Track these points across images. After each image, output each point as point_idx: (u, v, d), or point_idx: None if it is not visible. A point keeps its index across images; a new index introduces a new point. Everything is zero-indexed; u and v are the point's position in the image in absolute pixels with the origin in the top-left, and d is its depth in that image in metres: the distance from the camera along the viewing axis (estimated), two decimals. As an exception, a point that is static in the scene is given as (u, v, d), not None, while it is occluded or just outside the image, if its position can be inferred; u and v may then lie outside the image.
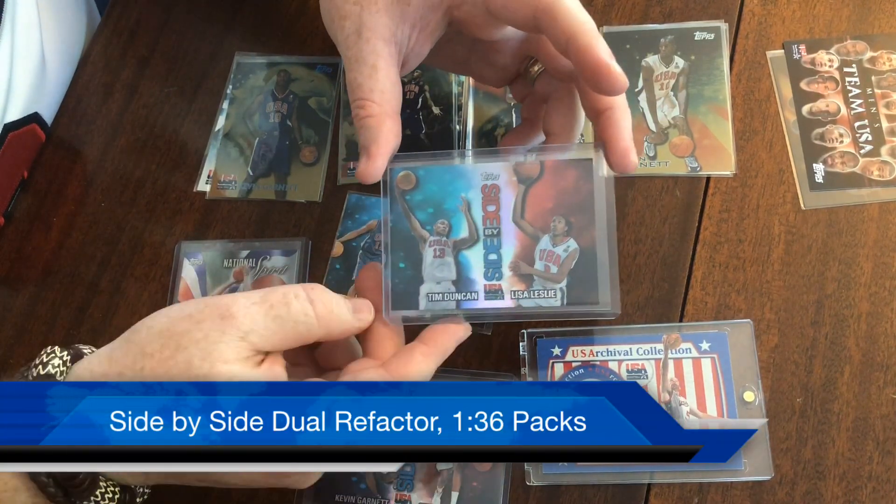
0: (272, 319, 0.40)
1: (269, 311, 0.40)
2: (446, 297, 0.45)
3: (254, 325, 0.39)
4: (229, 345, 0.39)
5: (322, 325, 0.41)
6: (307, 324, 0.41)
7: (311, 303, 0.41)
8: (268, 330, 0.40)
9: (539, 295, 0.45)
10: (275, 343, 0.40)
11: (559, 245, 0.45)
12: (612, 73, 0.42)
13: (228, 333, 0.39)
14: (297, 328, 0.40)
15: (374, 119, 0.45)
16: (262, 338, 0.39)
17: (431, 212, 0.46)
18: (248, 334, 0.39)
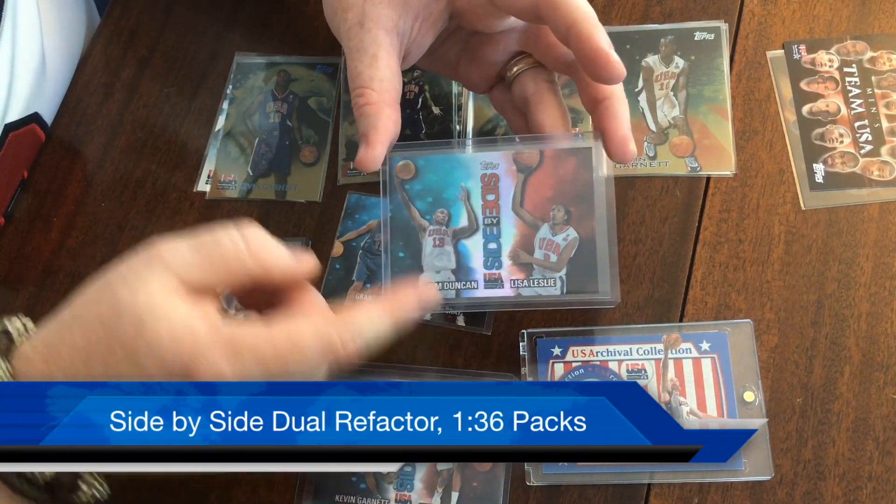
0: (200, 254, 0.38)
1: (198, 247, 0.38)
2: (446, 286, 0.45)
3: (180, 258, 0.38)
4: (154, 275, 0.37)
5: (256, 261, 0.39)
6: (238, 259, 0.39)
7: (243, 238, 0.39)
8: (195, 265, 0.38)
9: (539, 284, 0.45)
10: (204, 278, 0.38)
11: (559, 234, 0.45)
12: (611, 62, 0.43)
13: (154, 267, 0.37)
14: (228, 263, 0.39)
15: (373, 107, 0.45)
16: (189, 270, 0.38)
17: (431, 201, 0.46)
18: (173, 265, 0.37)
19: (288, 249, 0.41)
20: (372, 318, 0.39)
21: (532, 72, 0.49)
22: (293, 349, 0.37)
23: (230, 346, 0.37)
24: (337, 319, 0.39)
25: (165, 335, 0.36)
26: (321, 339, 0.38)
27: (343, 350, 0.38)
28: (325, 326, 0.38)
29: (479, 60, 0.50)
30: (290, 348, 0.37)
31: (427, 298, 0.42)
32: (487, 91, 0.52)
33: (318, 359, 0.38)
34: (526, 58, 0.49)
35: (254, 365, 0.37)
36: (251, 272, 0.39)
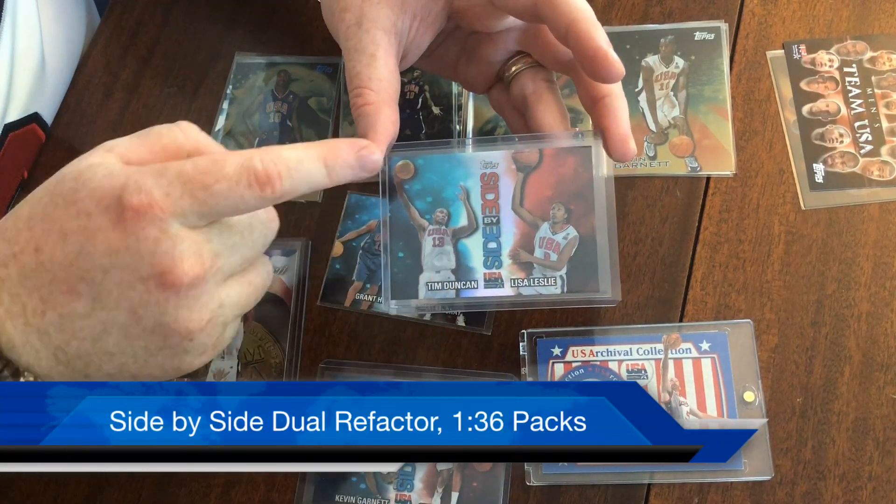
0: (136, 136, 0.41)
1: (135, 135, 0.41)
2: (446, 285, 0.45)
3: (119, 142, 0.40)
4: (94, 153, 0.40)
5: (188, 136, 0.41)
6: (172, 136, 0.40)
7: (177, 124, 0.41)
8: (133, 144, 0.40)
9: (539, 283, 0.45)
10: (141, 155, 0.40)
11: (559, 233, 0.45)
12: (610, 60, 0.43)
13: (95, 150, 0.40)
14: (162, 139, 0.40)
15: (372, 107, 0.45)
16: (128, 148, 0.40)
17: (430, 201, 0.46)
18: (113, 147, 0.40)
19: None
20: (298, 151, 0.40)
21: (530, 71, 0.49)
22: (214, 166, 0.38)
23: (158, 169, 0.38)
24: (264, 149, 0.39)
25: (100, 174, 0.38)
26: (241, 159, 0.38)
27: (264, 172, 0.38)
28: (251, 152, 0.39)
29: (477, 60, 0.50)
30: (210, 165, 0.38)
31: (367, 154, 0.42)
32: (486, 91, 0.52)
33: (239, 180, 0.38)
34: (524, 57, 0.49)
35: (180, 184, 0.37)
36: (183, 148, 0.41)
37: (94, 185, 0.38)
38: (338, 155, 0.41)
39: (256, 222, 0.41)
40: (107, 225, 0.37)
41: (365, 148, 0.42)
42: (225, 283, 0.40)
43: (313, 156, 0.40)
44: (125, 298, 0.38)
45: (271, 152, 0.39)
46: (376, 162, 0.43)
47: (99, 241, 0.37)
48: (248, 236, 0.41)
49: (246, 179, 0.38)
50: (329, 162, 0.40)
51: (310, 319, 0.53)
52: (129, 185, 0.37)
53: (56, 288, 0.38)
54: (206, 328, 0.40)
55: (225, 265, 0.40)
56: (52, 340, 0.38)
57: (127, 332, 0.39)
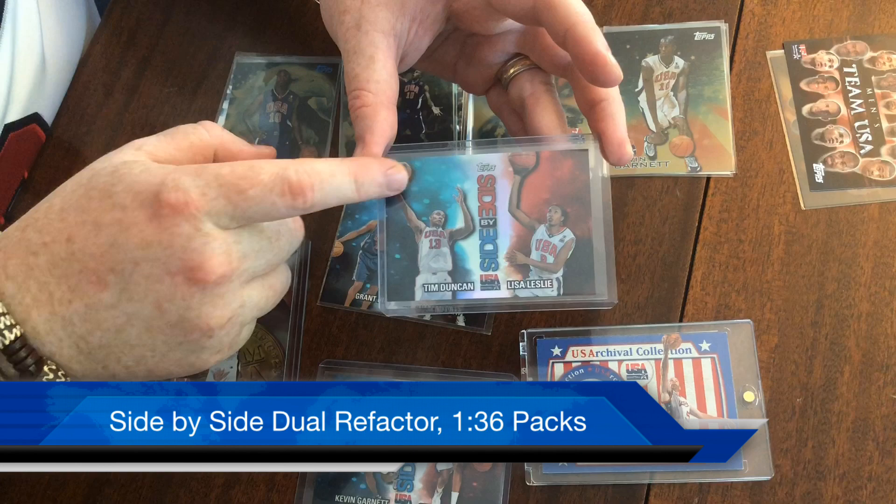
0: (164, 135, 0.43)
1: (163, 133, 0.43)
2: (442, 287, 0.45)
3: (148, 141, 0.42)
4: (125, 151, 0.41)
5: (213, 135, 0.44)
6: (198, 135, 0.43)
7: (202, 123, 0.44)
8: (161, 143, 0.42)
9: (535, 285, 0.45)
10: (170, 153, 0.42)
11: (555, 235, 0.45)
12: (608, 64, 0.43)
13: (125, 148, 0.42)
14: (189, 137, 0.43)
15: (370, 108, 0.45)
16: (157, 147, 0.42)
17: (427, 203, 0.46)
18: (143, 146, 0.42)
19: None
20: (332, 167, 0.41)
21: (528, 73, 0.49)
22: (250, 171, 0.39)
23: (195, 170, 0.39)
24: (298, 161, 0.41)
25: (137, 170, 0.39)
26: (277, 168, 0.39)
27: (298, 183, 0.39)
28: (287, 163, 0.40)
29: (476, 62, 0.50)
30: (249, 173, 0.39)
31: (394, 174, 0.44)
32: (485, 93, 0.52)
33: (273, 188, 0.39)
34: (523, 59, 0.50)
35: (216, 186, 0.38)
36: (210, 146, 0.43)
37: (131, 180, 0.39)
38: (368, 172, 0.43)
39: (285, 230, 0.42)
40: (142, 219, 0.38)
41: (393, 167, 0.44)
42: (248, 284, 0.41)
43: (345, 171, 0.42)
44: (152, 291, 0.38)
45: (306, 164, 0.40)
46: (402, 181, 0.45)
47: (133, 233, 0.38)
48: (276, 242, 0.42)
49: (279, 188, 0.39)
50: (359, 178, 0.42)
51: (310, 319, 0.53)
52: (168, 183, 0.38)
53: (85, 278, 0.38)
54: (225, 326, 0.40)
55: (251, 267, 0.41)
56: (75, 330, 0.39)
57: (150, 324, 0.39)
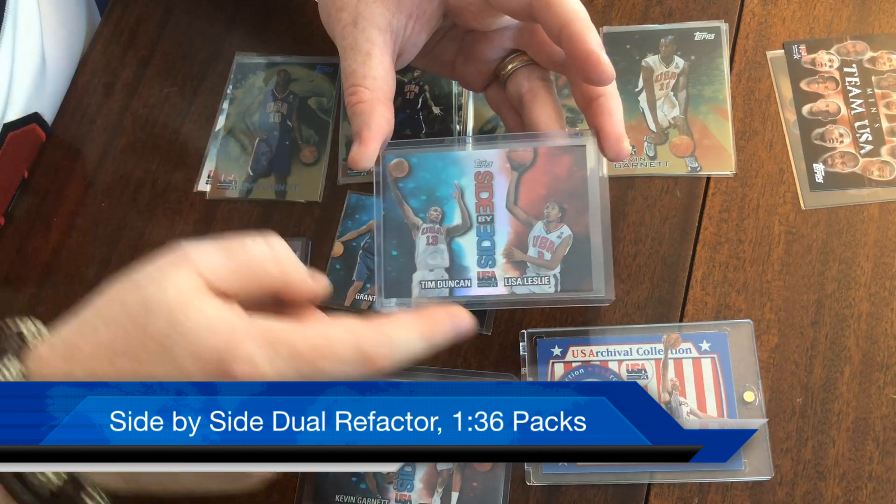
0: (227, 257, 0.38)
1: (225, 251, 0.38)
2: (439, 284, 0.45)
3: (209, 261, 0.37)
4: (181, 275, 0.37)
5: (279, 268, 0.39)
6: (263, 266, 0.39)
7: (270, 246, 0.39)
8: (223, 267, 0.38)
9: (533, 282, 0.45)
10: (232, 283, 0.38)
11: (553, 232, 0.45)
12: (601, 63, 0.43)
13: (183, 267, 0.37)
14: (253, 268, 0.38)
15: (366, 105, 0.45)
16: (216, 272, 0.37)
17: (424, 199, 0.46)
18: (203, 270, 0.37)
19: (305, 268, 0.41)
20: (407, 335, 0.39)
21: (526, 69, 0.49)
22: (328, 347, 0.37)
23: (266, 338, 0.36)
24: (372, 326, 0.38)
25: (199, 326, 0.36)
26: (356, 342, 0.37)
27: (376, 358, 0.38)
28: (361, 331, 0.38)
29: (474, 58, 0.50)
30: (325, 346, 0.37)
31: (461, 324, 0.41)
32: (483, 89, 0.52)
33: (350, 362, 0.37)
34: (520, 55, 0.50)
35: (288, 359, 0.36)
36: (274, 281, 0.39)
37: (193, 340, 0.36)
38: (437, 329, 0.40)
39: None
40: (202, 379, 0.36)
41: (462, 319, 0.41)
42: None
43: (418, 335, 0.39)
44: None
45: (381, 334, 0.38)
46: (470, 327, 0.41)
47: None
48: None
49: (358, 363, 0.37)
50: (429, 337, 0.40)
51: (310, 319, 0.53)
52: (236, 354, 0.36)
53: None
54: None
55: None
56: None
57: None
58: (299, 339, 0.37)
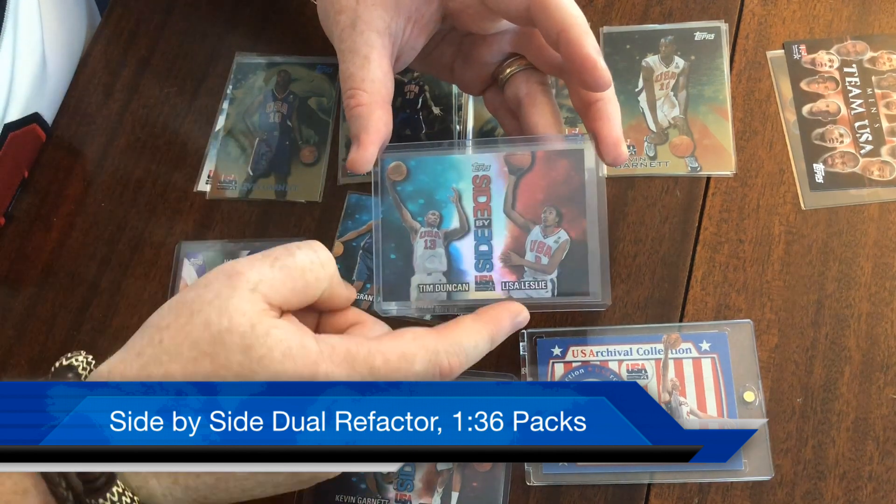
0: (279, 269, 0.39)
1: (275, 263, 0.39)
2: (437, 288, 0.45)
3: (262, 276, 0.38)
4: (242, 298, 0.37)
5: (328, 272, 0.40)
6: (314, 272, 0.39)
7: (315, 251, 0.40)
8: (276, 280, 0.38)
9: (530, 286, 0.45)
10: (285, 295, 0.39)
11: (550, 236, 0.45)
12: (598, 69, 0.43)
13: (239, 288, 0.37)
14: (305, 276, 0.39)
15: (365, 108, 0.45)
16: (273, 288, 0.38)
17: (422, 203, 0.46)
18: (257, 285, 0.38)
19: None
20: (474, 337, 0.41)
21: (524, 73, 0.49)
22: (405, 362, 0.38)
23: (345, 359, 0.37)
24: (441, 337, 0.40)
25: (278, 354, 0.36)
26: (430, 355, 0.39)
27: (448, 367, 0.40)
28: (433, 344, 0.40)
29: (472, 62, 0.51)
30: (403, 365, 0.38)
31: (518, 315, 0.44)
32: (482, 93, 0.52)
33: (426, 375, 0.39)
34: (519, 59, 0.50)
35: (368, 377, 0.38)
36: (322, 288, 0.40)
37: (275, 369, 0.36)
38: (501, 329, 0.43)
39: None
40: None
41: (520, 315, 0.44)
42: None
43: (485, 337, 0.42)
44: None
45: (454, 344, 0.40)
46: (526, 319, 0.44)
47: None
48: None
49: (432, 374, 0.39)
50: (495, 337, 0.43)
51: (310, 319, 0.53)
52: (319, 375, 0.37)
53: None
54: None
55: None
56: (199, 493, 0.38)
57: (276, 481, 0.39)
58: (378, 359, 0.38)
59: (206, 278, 0.39)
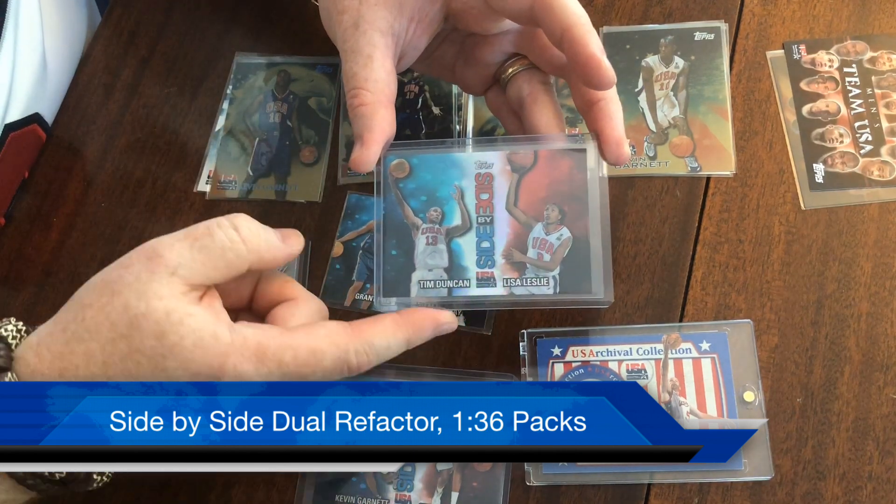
0: (198, 250, 0.39)
1: (195, 244, 0.39)
2: (438, 284, 0.45)
3: (181, 258, 0.39)
4: (161, 282, 0.38)
5: (250, 248, 0.40)
6: (234, 250, 0.40)
7: (236, 229, 0.40)
8: (196, 262, 0.39)
9: (532, 283, 0.45)
10: (207, 275, 0.39)
11: (552, 233, 0.45)
12: (602, 67, 0.43)
13: (157, 272, 0.38)
14: (226, 255, 0.40)
15: (368, 107, 0.45)
16: (192, 270, 0.39)
17: (424, 200, 0.46)
18: (177, 269, 0.38)
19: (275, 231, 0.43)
20: (388, 337, 0.42)
21: (527, 73, 0.49)
22: (313, 358, 0.39)
23: (255, 352, 0.38)
24: (354, 335, 0.41)
25: (189, 343, 0.37)
26: (339, 353, 0.40)
27: (356, 364, 0.40)
28: (344, 342, 0.40)
29: (474, 62, 0.51)
30: (309, 357, 0.39)
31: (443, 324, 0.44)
32: (483, 93, 0.52)
33: (333, 370, 0.40)
34: (521, 59, 0.50)
35: (276, 371, 0.39)
36: (245, 262, 0.41)
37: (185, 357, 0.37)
38: (420, 335, 0.43)
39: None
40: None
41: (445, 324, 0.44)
42: None
43: (401, 340, 0.42)
44: None
45: (365, 343, 0.41)
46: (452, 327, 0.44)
47: None
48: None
49: (340, 371, 0.40)
50: (412, 340, 0.43)
51: (310, 319, 0.53)
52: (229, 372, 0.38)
53: None
54: None
55: None
56: None
57: None
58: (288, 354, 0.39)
59: (129, 258, 0.40)
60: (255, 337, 0.39)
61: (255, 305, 0.45)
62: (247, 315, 0.45)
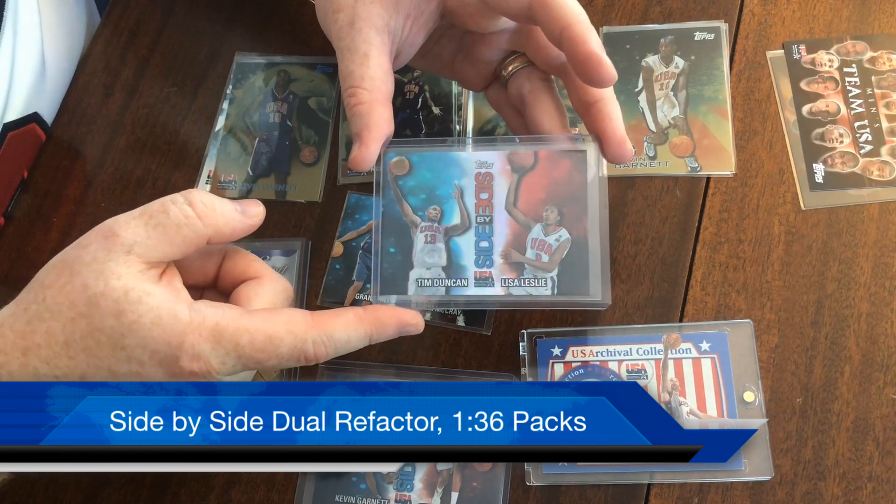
0: (153, 228, 0.39)
1: (150, 221, 0.40)
2: (436, 283, 0.45)
3: (136, 236, 0.39)
4: (118, 261, 0.39)
5: (207, 223, 0.40)
6: (191, 225, 0.40)
7: (191, 204, 0.40)
8: (152, 239, 0.39)
9: (530, 283, 0.45)
10: (163, 251, 0.40)
11: (551, 234, 0.45)
12: (603, 64, 0.43)
13: (114, 251, 0.39)
14: (182, 231, 0.40)
15: (365, 106, 0.45)
16: (148, 248, 0.39)
17: (424, 198, 0.46)
18: (133, 246, 0.39)
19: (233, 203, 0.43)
20: (349, 331, 0.41)
21: (527, 70, 0.49)
22: (269, 345, 0.39)
23: (212, 332, 0.38)
24: (314, 325, 0.40)
25: (147, 322, 0.38)
26: (296, 341, 0.40)
27: (314, 354, 0.40)
28: (302, 331, 0.40)
29: (473, 59, 0.50)
30: (266, 343, 0.39)
31: (407, 324, 0.43)
32: (483, 89, 0.52)
33: (289, 357, 0.40)
34: (521, 56, 0.50)
35: (234, 356, 0.39)
36: (204, 236, 0.41)
37: (143, 335, 0.38)
38: (383, 333, 0.42)
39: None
40: (161, 375, 0.38)
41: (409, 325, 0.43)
42: None
43: (362, 335, 0.41)
44: None
45: (324, 335, 0.40)
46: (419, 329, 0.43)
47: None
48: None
49: (296, 359, 0.40)
50: (374, 337, 0.42)
51: (310, 319, 0.53)
52: (187, 350, 0.38)
53: None
54: None
55: None
56: None
57: None
58: (245, 337, 0.39)
59: (87, 237, 0.40)
60: (214, 317, 0.39)
61: (221, 283, 0.45)
62: (212, 293, 0.45)
